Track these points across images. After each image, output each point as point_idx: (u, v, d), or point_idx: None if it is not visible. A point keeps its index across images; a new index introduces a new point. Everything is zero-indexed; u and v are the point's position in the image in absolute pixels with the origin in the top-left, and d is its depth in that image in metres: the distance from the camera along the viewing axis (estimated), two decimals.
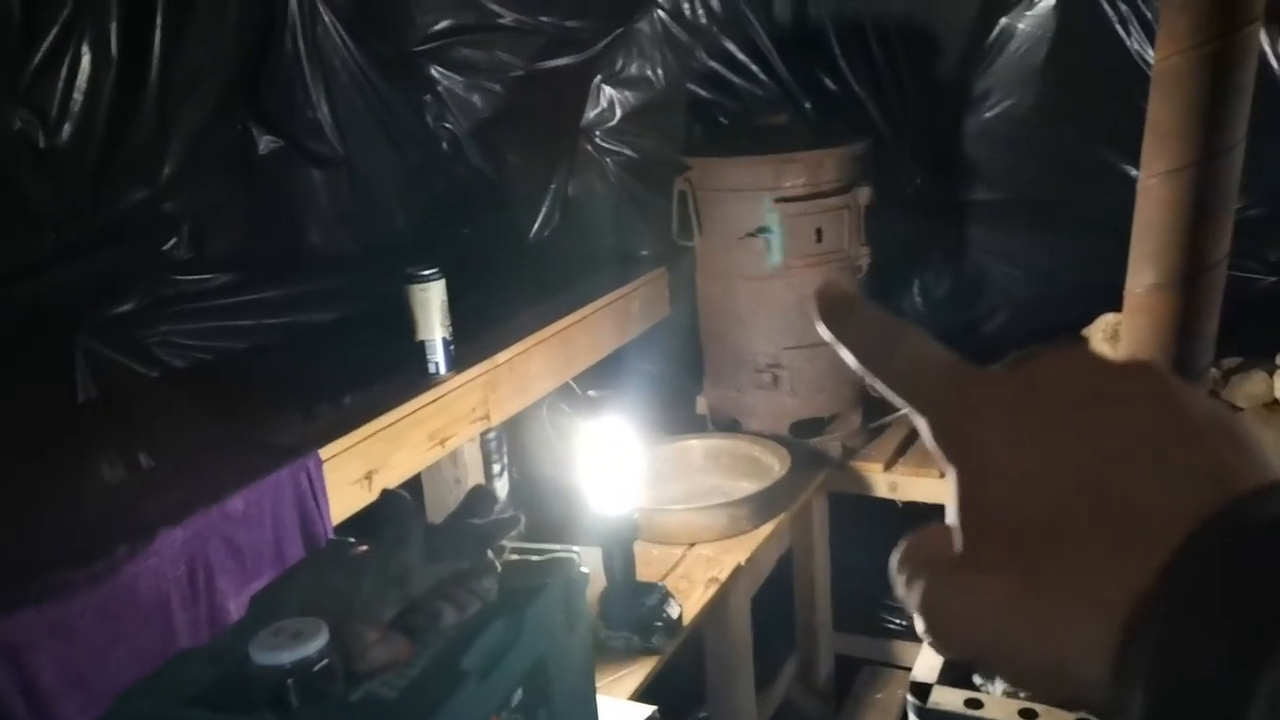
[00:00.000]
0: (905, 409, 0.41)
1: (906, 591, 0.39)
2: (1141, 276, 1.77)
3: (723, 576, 2.29)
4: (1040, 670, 0.35)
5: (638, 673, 1.98)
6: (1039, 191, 2.98)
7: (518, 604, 1.41)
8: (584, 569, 1.65)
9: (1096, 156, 2.83)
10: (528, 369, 2.41)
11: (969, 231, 3.15)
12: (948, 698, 1.69)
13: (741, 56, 2.93)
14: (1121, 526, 0.33)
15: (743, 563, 2.35)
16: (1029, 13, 2.79)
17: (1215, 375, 2.64)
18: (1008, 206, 3.09)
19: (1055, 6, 2.76)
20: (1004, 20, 2.83)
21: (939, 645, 0.38)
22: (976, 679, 1.74)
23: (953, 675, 1.76)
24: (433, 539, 1.42)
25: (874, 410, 2.89)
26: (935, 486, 2.58)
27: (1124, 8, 2.68)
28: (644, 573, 2.27)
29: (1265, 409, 2.54)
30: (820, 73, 3.03)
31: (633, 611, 2.02)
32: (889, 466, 2.77)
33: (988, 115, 2.96)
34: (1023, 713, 1.64)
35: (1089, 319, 2.73)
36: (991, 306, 3.15)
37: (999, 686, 1.70)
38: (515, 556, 1.52)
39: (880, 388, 0.41)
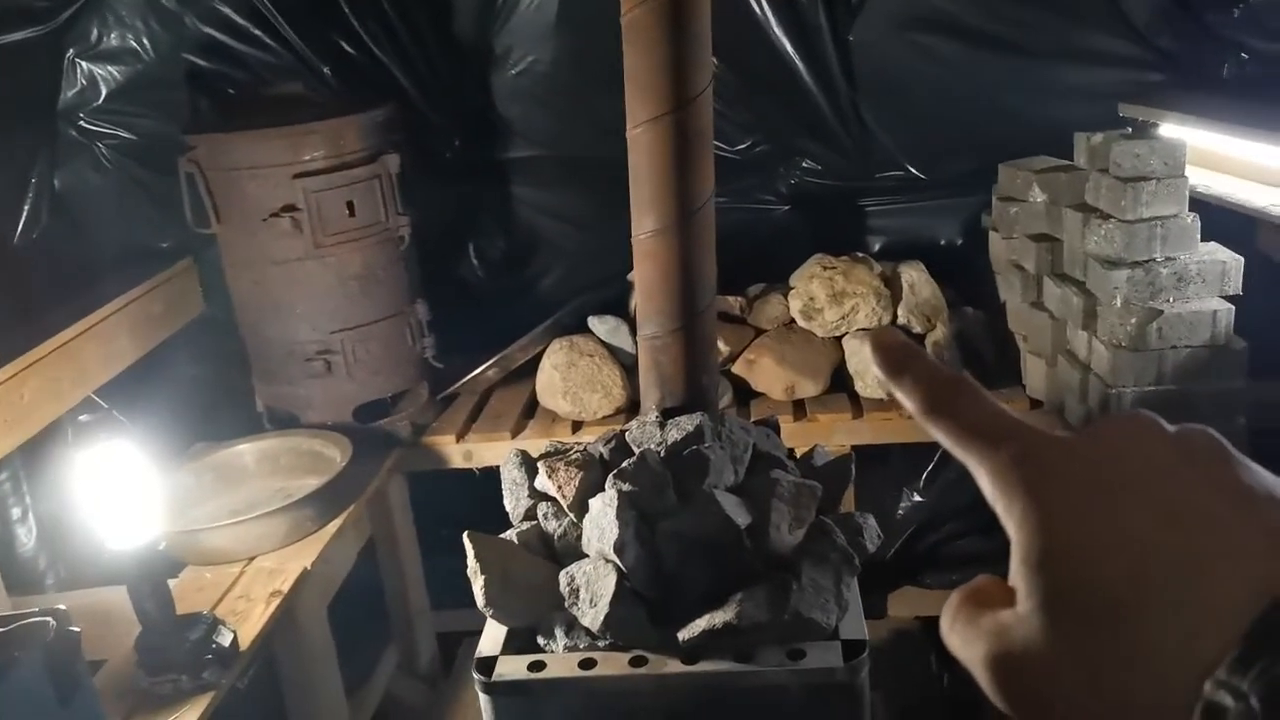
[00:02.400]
0: (965, 460, 0.42)
1: (964, 648, 0.40)
2: (643, 223, 1.83)
3: (286, 587, 2.13)
4: None
5: (190, 714, 1.79)
6: (574, 146, 3.03)
7: None
8: (73, 626, 1.43)
9: (617, 108, 2.92)
10: (20, 397, 2.08)
11: (516, 191, 3.16)
12: (511, 666, 1.68)
13: (242, 22, 2.70)
14: (1198, 596, 0.35)
15: (309, 567, 2.21)
16: None
17: (741, 302, 2.85)
18: (549, 163, 3.12)
19: None
20: None
21: (1006, 704, 0.38)
22: (540, 639, 1.74)
23: (518, 644, 1.75)
24: None
25: (440, 381, 2.84)
26: (508, 448, 2.56)
27: None
28: (195, 600, 2.06)
29: (785, 328, 2.78)
30: (337, 37, 2.87)
31: (176, 651, 1.81)
32: (461, 437, 2.72)
33: (513, 73, 2.96)
34: (582, 663, 1.66)
35: None
36: (547, 263, 3.19)
37: (561, 642, 1.71)
38: None
39: (939, 437, 0.43)
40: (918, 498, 3.05)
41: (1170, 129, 2.39)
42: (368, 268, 2.55)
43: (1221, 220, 2.28)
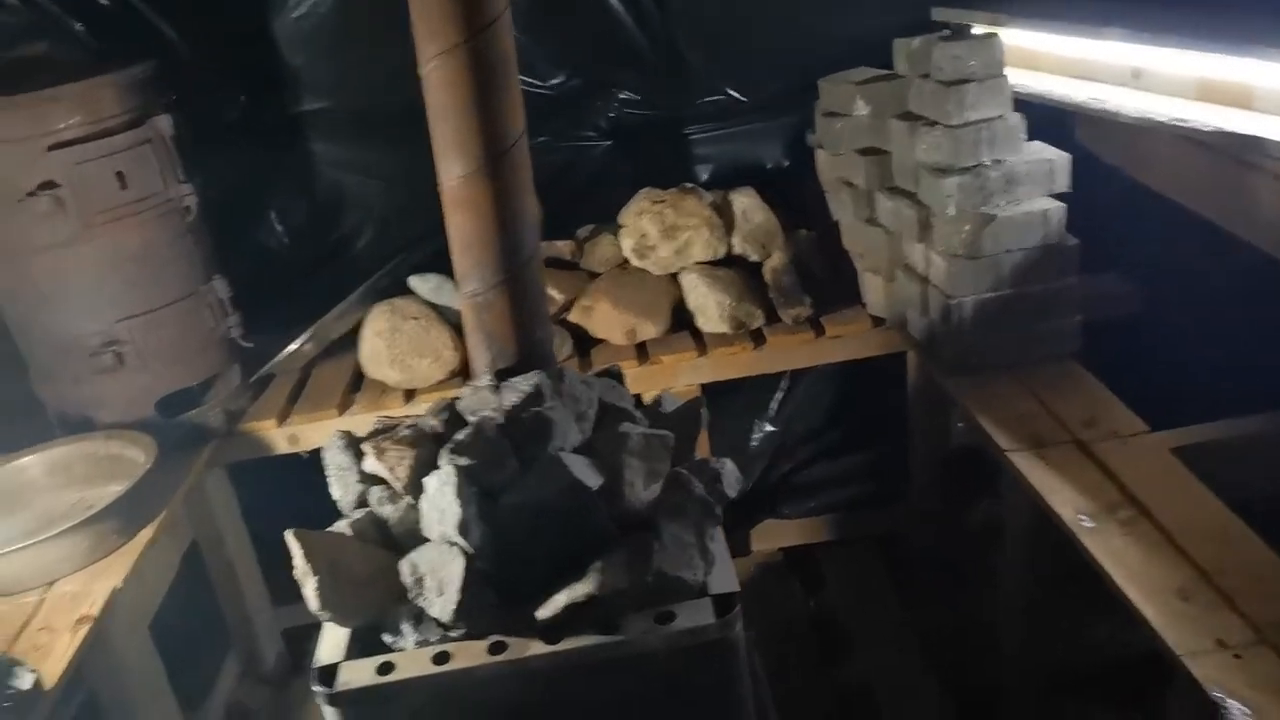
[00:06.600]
0: None
1: None
2: (450, 168, 1.65)
3: (95, 611, 1.90)
4: None
5: None
6: (370, 94, 2.79)
7: None
8: None
9: (412, 49, 2.70)
10: None
11: (316, 148, 2.89)
12: (357, 672, 1.51)
13: None
14: None
15: (119, 586, 1.97)
16: None
17: (572, 246, 2.71)
18: (347, 116, 2.87)
19: None
20: None
21: None
22: (386, 636, 1.58)
23: (363, 644, 1.58)
24: None
25: (253, 362, 2.59)
26: (335, 427, 2.36)
27: None
28: None
29: (619, 269, 2.66)
30: None
31: None
32: (283, 420, 2.50)
33: (294, 16, 2.69)
34: (436, 658, 1.52)
35: None
36: (356, 224, 2.96)
37: (410, 637, 1.56)
38: None
39: None
40: (770, 427, 3.01)
41: (982, 29, 2.35)
42: (149, 246, 2.28)
43: (1037, 119, 2.26)
